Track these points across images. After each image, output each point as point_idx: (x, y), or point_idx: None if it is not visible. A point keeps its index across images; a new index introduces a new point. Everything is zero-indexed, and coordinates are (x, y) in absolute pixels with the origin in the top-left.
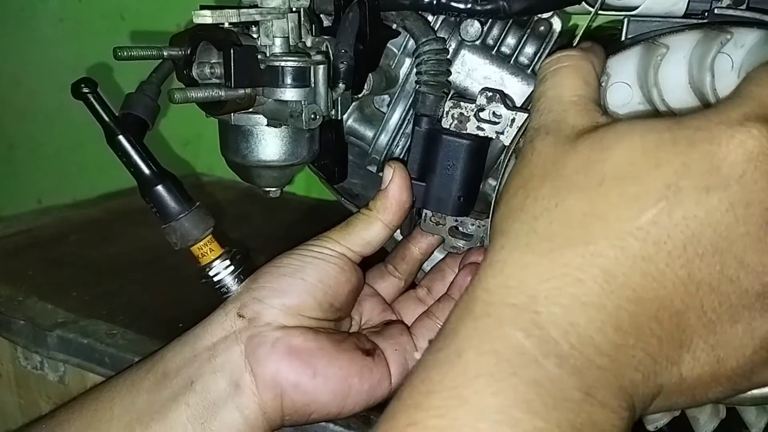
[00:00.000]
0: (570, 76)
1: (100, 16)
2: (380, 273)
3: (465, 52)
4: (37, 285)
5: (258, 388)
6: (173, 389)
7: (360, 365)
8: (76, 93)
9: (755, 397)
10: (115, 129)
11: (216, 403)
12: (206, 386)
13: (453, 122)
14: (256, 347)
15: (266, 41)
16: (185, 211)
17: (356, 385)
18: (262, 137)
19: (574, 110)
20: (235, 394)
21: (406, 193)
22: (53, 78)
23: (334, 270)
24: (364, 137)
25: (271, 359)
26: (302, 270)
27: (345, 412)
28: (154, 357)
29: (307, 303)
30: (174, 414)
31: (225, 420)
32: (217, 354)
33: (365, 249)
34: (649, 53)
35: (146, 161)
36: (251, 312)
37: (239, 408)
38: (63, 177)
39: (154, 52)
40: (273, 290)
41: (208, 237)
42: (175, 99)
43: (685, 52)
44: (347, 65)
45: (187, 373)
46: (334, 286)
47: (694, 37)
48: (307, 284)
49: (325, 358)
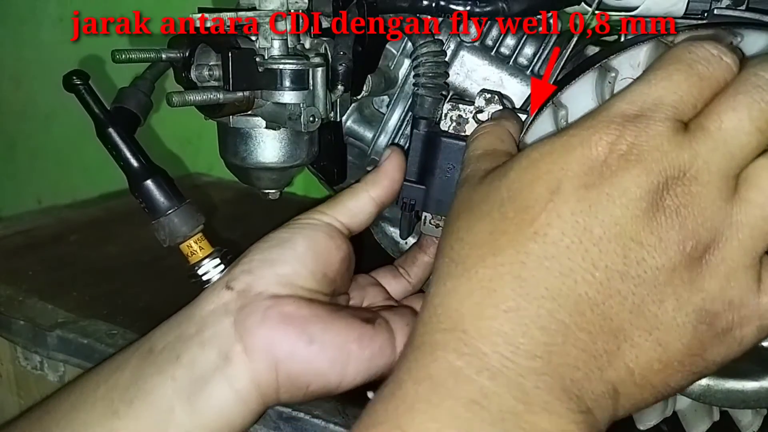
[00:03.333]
0: (485, 138)
1: (101, 16)
2: (390, 272)
3: (464, 53)
4: (37, 285)
5: (250, 359)
6: (158, 365)
7: (359, 331)
8: (67, 85)
9: (748, 399)
10: (105, 121)
11: (204, 376)
12: (193, 359)
13: (452, 124)
14: (246, 317)
15: (264, 43)
16: (174, 207)
17: (355, 352)
18: (261, 140)
19: (485, 160)
20: (224, 366)
21: (398, 173)
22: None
23: (322, 237)
24: (363, 138)
25: (263, 328)
26: (291, 240)
27: (345, 382)
28: (141, 338)
29: (300, 272)
30: (159, 389)
31: (214, 394)
32: (206, 327)
33: (351, 221)
34: (600, 78)
35: (136, 155)
36: (241, 284)
37: (229, 381)
38: (63, 177)
39: (152, 55)
40: (263, 261)
41: (197, 235)
42: (173, 102)
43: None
44: (346, 67)
45: (173, 348)
46: (324, 254)
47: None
48: (297, 253)
49: (321, 324)
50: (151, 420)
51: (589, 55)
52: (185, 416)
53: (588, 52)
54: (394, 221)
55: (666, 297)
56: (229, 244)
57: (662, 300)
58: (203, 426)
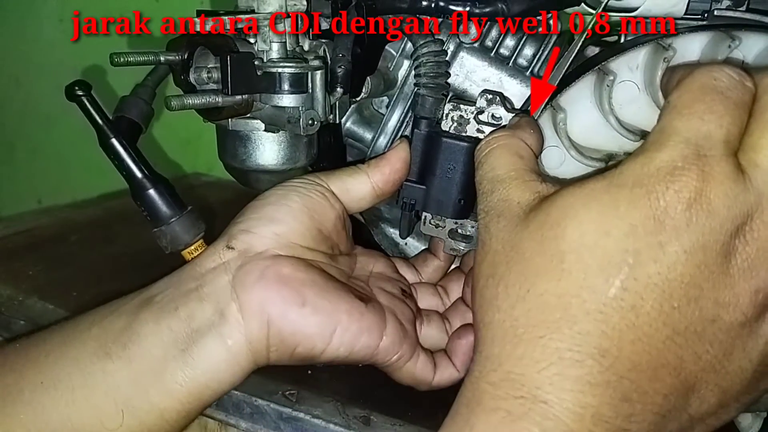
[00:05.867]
0: (502, 155)
1: (101, 16)
2: (404, 263)
3: (463, 54)
4: (37, 285)
5: (244, 316)
6: (155, 313)
7: (350, 304)
8: (70, 95)
9: None
10: (108, 132)
11: (199, 330)
12: (191, 313)
13: (453, 125)
14: (244, 276)
15: (263, 47)
16: (176, 215)
17: (344, 322)
18: (260, 142)
19: (514, 186)
20: (219, 322)
21: (402, 165)
22: (53, 78)
23: (316, 195)
24: (362, 139)
25: (258, 286)
26: (285, 197)
27: (330, 351)
28: (137, 291)
29: (296, 229)
30: (154, 337)
31: (207, 348)
32: (205, 284)
33: (343, 193)
34: (599, 81)
35: (138, 165)
36: (242, 243)
37: (223, 337)
38: (63, 177)
39: (151, 58)
40: (260, 219)
41: (198, 242)
42: (172, 106)
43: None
44: (345, 69)
45: (171, 299)
46: (318, 210)
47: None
48: (292, 210)
49: (315, 288)
50: (144, 365)
51: (588, 55)
52: (177, 367)
53: (587, 53)
54: (394, 222)
55: (734, 349)
56: None
57: (731, 352)
58: (193, 378)
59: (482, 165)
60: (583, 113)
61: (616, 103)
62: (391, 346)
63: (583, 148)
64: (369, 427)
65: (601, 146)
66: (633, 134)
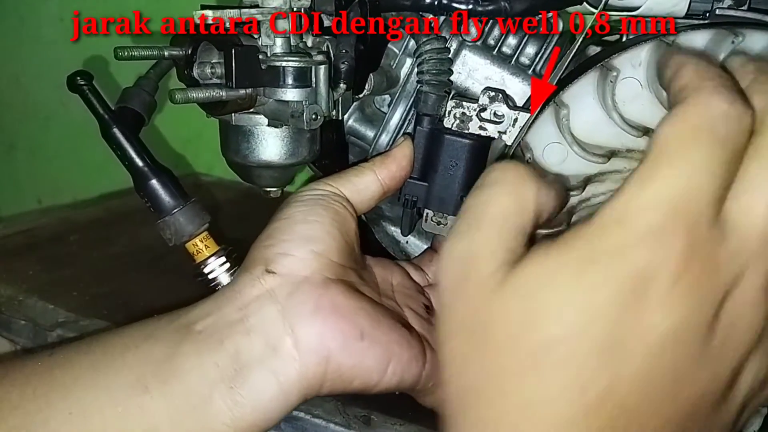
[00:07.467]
0: (509, 201)
1: (101, 15)
2: (413, 267)
3: (466, 53)
4: (37, 285)
5: (300, 352)
6: (197, 345)
7: (399, 333)
8: (71, 86)
9: None
10: (110, 122)
11: (248, 365)
12: (238, 348)
13: (455, 122)
14: (297, 306)
15: (267, 41)
16: (180, 205)
17: (397, 353)
18: (263, 137)
19: (503, 247)
20: (272, 357)
21: (407, 162)
22: (53, 78)
23: (338, 205)
24: (364, 137)
25: (316, 320)
26: (312, 212)
27: (384, 382)
28: (172, 313)
29: (332, 246)
30: (198, 373)
31: (257, 385)
32: (250, 314)
33: (354, 196)
34: (602, 77)
35: (141, 155)
36: (282, 267)
37: (275, 374)
38: (63, 177)
39: (155, 52)
40: (295, 240)
41: (203, 233)
42: (175, 99)
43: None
44: (348, 65)
45: (215, 332)
46: (343, 221)
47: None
48: (324, 225)
49: (368, 318)
50: (187, 403)
51: (590, 54)
52: (224, 406)
53: (589, 52)
54: (395, 220)
55: (703, 420)
56: (231, 243)
57: (706, 425)
58: (241, 418)
59: (479, 199)
60: (586, 110)
61: (619, 100)
62: (432, 372)
63: (586, 145)
64: (369, 426)
65: (603, 143)
66: (636, 131)
